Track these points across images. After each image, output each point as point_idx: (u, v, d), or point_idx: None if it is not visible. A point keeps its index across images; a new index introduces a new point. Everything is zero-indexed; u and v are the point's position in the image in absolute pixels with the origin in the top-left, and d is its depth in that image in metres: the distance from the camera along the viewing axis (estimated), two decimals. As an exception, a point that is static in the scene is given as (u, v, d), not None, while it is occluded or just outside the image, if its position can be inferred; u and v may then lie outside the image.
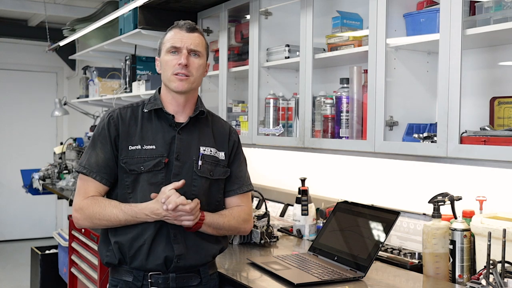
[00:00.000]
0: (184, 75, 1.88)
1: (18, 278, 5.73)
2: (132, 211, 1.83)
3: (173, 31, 1.92)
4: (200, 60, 1.92)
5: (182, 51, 1.88)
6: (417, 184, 2.48)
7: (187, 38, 1.89)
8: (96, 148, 1.90)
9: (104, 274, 3.17)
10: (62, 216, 7.50)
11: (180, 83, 1.88)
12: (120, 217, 1.83)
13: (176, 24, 1.93)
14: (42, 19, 6.22)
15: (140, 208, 1.82)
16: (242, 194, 2.03)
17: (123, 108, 1.96)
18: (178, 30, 1.91)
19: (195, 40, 1.90)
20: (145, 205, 1.82)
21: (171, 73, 1.89)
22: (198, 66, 1.91)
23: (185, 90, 1.90)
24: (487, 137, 1.76)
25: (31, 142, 7.52)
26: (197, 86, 1.97)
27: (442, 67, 1.86)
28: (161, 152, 1.88)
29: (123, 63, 4.43)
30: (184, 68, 1.87)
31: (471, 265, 1.97)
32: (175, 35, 1.90)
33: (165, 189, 1.80)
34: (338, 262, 2.18)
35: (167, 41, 1.92)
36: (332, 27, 2.52)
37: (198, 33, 1.93)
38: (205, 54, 1.95)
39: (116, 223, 1.84)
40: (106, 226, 1.88)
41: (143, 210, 1.82)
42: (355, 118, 2.31)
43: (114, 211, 1.83)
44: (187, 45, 1.88)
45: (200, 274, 1.94)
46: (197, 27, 1.94)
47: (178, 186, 1.81)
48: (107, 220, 1.84)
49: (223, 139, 2.02)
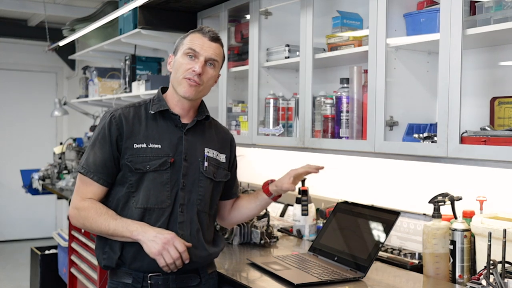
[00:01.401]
0: (195, 82, 1.86)
1: (18, 278, 5.73)
2: (125, 221, 1.81)
3: (196, 34, 1.90)
4: (214, 71, 1.91)
5: (200, 58, 1.86)
6: (417, 184, 2.48)
7: (208, 46, 1.87)
8: (95, 148, 1.89)
9: (104, 275, 3.17)
10: (62, 216, 7.49)
11: (189, 89, 1.86)
12: (111, 225, 1.79)
13: (201, 29, 1.91)
14: (41, 19, 6.22)
15: (135, 221, 1.81)
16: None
17: (125, 107, 1.94)
18: (201, 36, 1.88)
19: (215, 51, 1.89)
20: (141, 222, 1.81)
21: (183, 77, 1.86)
22: (210, 76, 1.90)
23: (192, 97, 1.89)
24: (488, 137, 1.76)
25: (31, 142, 7.51)
26: (204, 95, 1.96)
27: (442, 67, 1.86)
28: (167, 152, 1.88)
29: (123, 63, 4.42)
30: (197, 76, 1.85)
31: (471, 265, 1.96)
32: (196, 40, 1.88)
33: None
34: (338, 262, 2.17)
35: (187, 42, 1.89)
36: (332, 27, 2.52)
37: (219, 44, 1.92)
38: (219, 66, 1.94)
39: (104, 230, 1.82)
40: (96, 232, 1.87)
41: (136, 223, 1.80)
42: (355, 118, 2.31)
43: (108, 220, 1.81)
44: (206, 54, 1.86)
45: (199, 274, 1.94)
46: (220, 38, 1.93)
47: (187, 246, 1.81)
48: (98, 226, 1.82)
49: (225, 143, 2.05)
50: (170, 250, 1.75)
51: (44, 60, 7.45)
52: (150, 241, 1.76)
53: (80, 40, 5.45)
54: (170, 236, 1.77)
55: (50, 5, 5.61)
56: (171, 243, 1.76)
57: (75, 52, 6.03)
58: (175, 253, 1.75)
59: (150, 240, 1.76)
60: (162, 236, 1.76)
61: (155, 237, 1.76)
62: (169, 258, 1.75)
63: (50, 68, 7.67)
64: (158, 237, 1.76)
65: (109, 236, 1.84)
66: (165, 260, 1.75)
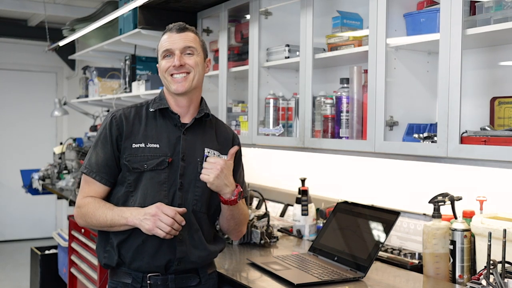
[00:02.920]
0: (180, 74, 1.87)
1: (18, 278, 5.73)
2: (120, 209, 1.83)
3: (165, 35, 1.92)
4: (196, 57, 1.90)
5: (175, 53, 1.87)
6: (417, 184, 2.48)
7: (178, 38, 1.88)
8: (97, 148, 1.91)
9: (104, 275, 3.17)
10: (62, 216, 7.49)
11: (179, 85, 1.88)
12: (108, 216, 1.81)
13: (167, 28, 1.93)
14: (41, 19, 6.22)
15: (129, 208, 1.83)
16: (242, 199, 2.05)
17: (126, 108, 1.96)
18: (169, 34, 1.90)
19: (186, 38, 1.89)
20: (134, 207, 1.83)
21: (168, 75, 1.89)
22: (194, 63, 1.89)
23: (185, 90, 1.89)
24: (488, 137, 1.76)
25: (31, 142, 7.51)
26: (198, 84, 1.94)
27: (442, 67, 1.86)
28: (165, 152, 1.88)
29: (123, 63, 4.42)
30: (178, 68, 1.86)
31: (471, 265, 1.96)
32: (167, 39, 1.90)
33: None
34: (338, 262, 2.17)
35: (160, 46, 1.92)
36: (332, 27, 2.52)
37: (189, 31, 1.92)
38: (201, 51, 1.93)
39: (103, 222, 1.83)
40: (97, 226, 1.88)
41: (130, 209, 1.82)
42: (355, 118, 2.31)
43: (105, 211, 1.83)
44: (178, 45, 1.87)
45: (199, 274, 1.94)
46: (188, 26, 1.93)
47: (180, 213, 1.80)
48: (97, 220, 1.84)
49: (227, 143, 2.02)
50: (162, 219, 1.75)
51: (44, 60, 7.44)
52: (142, 220, 1.77)
53: (80, 40, 5.45)
54: (156, 207, 1.77)
55: (50, 5, 5.61)
56: (160, 212, 1.76)
57: (75, 52, 6.03)
58: (167, 220, 1.75)
59: (142, 220, 1.77)
60: (149, 211, 1.77)
61: (144, 214, 1.77)
62: (164, 226, 1.75)
63: (50, 68, 7.67)
64: (147, 213, 1.77)
65: (109, 228, 1.85)
66: (162, 230, 1.75)
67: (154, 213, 1.76)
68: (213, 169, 1.81)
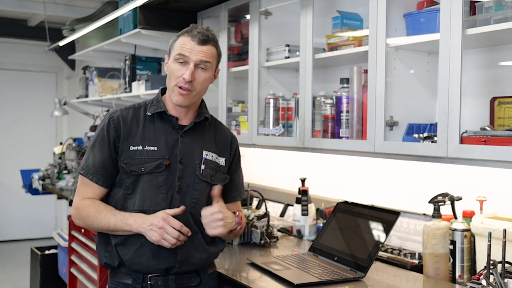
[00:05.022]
0: (186, 90, 1.84)
1: (18, 278, 5.73)
2: (123, 215, 1.82)
3: (185, 38, 1.84)
4: (207, 73, 1.86)
5: (190, 64, 1.82)
6: (417, 184, 2.48)
7: (198, 50, 1.82)
8: (94, 150, 1.89)
9: (104, 275, 3.17)
10: (62, 216, 7.50)
11: (181, 97, 1.85)
12: (111, 221, 1.82)
13: (190, 31, 1.85)
14: (41, 19, 6.22)
15: (132, 214, 1.83)
16: (239, 201, 2.08)
17: (124, 109, 1.94)
18: (190, 40, 1.83)
19: (206, 53, 1.84)
20: (138, 214, 1.83)
21: (174, 84, 1.85)
22: (203, 80, 1.86)
23: (186, 105, 1.88)
24: (487, 137, 1.76)
25: (31, 142, 7.51)
26: (199, 98, 1.94)
27: (442, 67, 1.86)
28: (163, 154, 1.87)
29: (123, 63, 4.42)
30: (188, 83, 1.83)
31: (471, 265, 1.96)
32: (186, 44, 1.83)
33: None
34: (338, 262, 2.17)
35: (177, 47, 1.85)
36: (332, 27, 2.52)
37: (211, 45, 1.86)
38: (214, 65, 1.89)
39: (105, 227, 1.84)
40: (98, 229, 1.88)
41: (133, 216, 1.81)
42: (355, 118, 2.31)
43: (108, 216, 1.82)
44: (196, 58, 1.82)
45: (199, 274, 1.94)
46: (210, 36, 1.85)
47: (177, 213, 1.81)
48: (99, 224, 1.84)
49: (225, 145, 2.01)
50: (169, 231, 1.77)
51: (44, 60, 7.44)
52: (148, 231, 1.78)
53: (80, 40, 5.45)
54: (163, 220, 1.78)
55: (50, 5, 5.60)
56: (167, 225, 1.77)
57: (75, 52, 6.03)
58: (174, 233, 1.77)
59: (148, 230, 1.78)
60: (155, 222, 1.78)
61: (151, 225, 1.78)
62: (171, 239, 1.77)
63: (50, 68, 7.67)
64: (153, 224, 1.78)
65: (111, 232, 1.85)
66: (169, 242, 1.78)
67: (161, 225, 1.77)
68: (216, 220, 1.84)
